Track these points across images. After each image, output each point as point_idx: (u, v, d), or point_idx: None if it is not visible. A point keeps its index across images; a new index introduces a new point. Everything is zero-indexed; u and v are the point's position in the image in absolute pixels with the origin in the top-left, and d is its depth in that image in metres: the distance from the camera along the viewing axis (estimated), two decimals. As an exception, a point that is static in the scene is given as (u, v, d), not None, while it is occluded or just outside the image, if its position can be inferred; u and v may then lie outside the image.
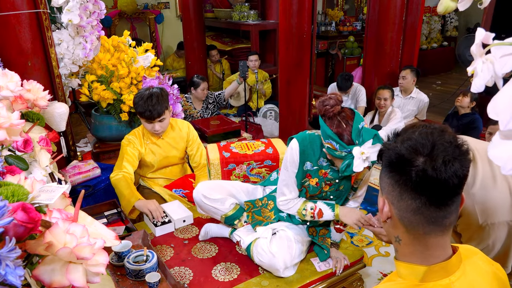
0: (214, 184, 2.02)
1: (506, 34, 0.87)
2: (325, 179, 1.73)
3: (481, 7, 0.75)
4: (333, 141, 1.50)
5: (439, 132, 0.80)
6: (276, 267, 1.71)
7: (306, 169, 1.71)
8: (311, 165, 1.70)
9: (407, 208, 0.81)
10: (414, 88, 4.24)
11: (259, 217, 1.94)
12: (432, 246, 0.83)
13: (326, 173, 1.71)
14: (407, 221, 0.82)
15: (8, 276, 0.59)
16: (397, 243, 0.88)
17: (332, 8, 7.53)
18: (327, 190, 1.77)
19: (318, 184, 1.73)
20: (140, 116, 2.30)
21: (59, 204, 0.81)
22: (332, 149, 1.52)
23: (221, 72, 5.89)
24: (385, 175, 0.85)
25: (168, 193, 2.51)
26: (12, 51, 2.30)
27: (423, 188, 0.78)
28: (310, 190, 1.76)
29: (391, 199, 0.84)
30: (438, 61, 7.68)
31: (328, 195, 1.79)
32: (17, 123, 1.23)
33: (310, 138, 1.68)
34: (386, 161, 0.84)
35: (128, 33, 3.16)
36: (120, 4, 6.35)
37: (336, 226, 1.88)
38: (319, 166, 1.70)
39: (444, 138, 0.78)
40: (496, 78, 0.61)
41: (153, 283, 1.62)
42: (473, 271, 0.85)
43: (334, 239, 1.92)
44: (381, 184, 0.87)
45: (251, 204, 1.98)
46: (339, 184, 1.76)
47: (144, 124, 2.34)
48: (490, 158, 0.60)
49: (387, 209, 0.86)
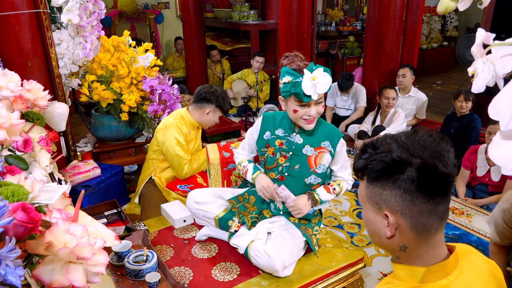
0: (204, 191, 2.09)
1: (506, 34, 0.87)
2: (281, 149, 1.83)
3: (481, 7, 0.75)
4: (288, 74, 1.63)
5: (415, 133, 0.82)
6: (275, 268, 1.71)
7: (266, 138, 1.87)
8: (270, 134, 1.86)
9: (422, 212, 0.80)
10: (412, 87, 4.24)
11: (245, 212, 1.97)
12: (437, 244, 0.84)
13: (282, 143, 1.83)
14: (422, 225, 0.81)
15: (8, 276, 0.59)
16: (402, 252, 0.85)
17: (332, 8, 7.53)
18: (282, 163, 1.83)
19: (274, 154, 1.84)
20: (222, 111, 2.63)
21: (59, 204, 0.81)
22: (287, 83, 1.63)
23: (221, 72, 5.89)
24: (385, 188, 0.81)
25: (172, 194, 2.53)
26: (12, 51, 2.30)
27: (433, 187, 0.79)
28: (267, 162, 1.87)
29: (400, 209, 0.81)
30: (438, 61, 7.67)
31: (283, 170, 1.83)
32: (17, 123, 1.23)
33: (274, 114, 1.91)
34: (380, 172, 0.81)
35: (128, 33, 3.16)
36: (120, 4, 6.35)
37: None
38: (276, 136, 1.84)
39: (426, 137, 0.80)
40: (496, 79, 0.61)
41: (153, 283, 1.62)
42: (470, 270, 0.86)
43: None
44: (380, 198, 0.83)
45: (234, 200, 2.00)
46: (293, 160, 1.81)
47: (215, 116, 2.62)
48: (491, 158, 0.60)
49: (394, 220, 0.82)
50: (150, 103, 2.91)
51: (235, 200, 2.00)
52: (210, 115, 2.59)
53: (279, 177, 1.85)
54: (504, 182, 2.86)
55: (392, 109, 3.92)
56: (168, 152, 2.51)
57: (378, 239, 0.88)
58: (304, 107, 1.67)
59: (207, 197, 2.01)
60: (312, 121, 1.72)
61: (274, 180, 1.85)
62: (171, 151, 2.49)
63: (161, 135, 2.53)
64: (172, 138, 2.48)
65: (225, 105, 2.60)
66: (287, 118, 1.82)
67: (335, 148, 1.81)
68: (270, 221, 1.92)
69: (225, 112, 2.67)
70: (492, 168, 2.93)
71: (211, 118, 2.61)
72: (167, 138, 2.49)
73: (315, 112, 1.69)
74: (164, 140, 2.51)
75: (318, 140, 1.81)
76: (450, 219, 2.87)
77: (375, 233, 0.88)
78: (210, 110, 2.57)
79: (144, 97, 3.00)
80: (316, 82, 1.58)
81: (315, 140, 1.80)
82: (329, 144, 1.80)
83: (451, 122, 3.68)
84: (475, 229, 2.74)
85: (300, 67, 1.63)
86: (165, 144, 2.50)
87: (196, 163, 2.57)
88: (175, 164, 2.53)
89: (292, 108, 1.70)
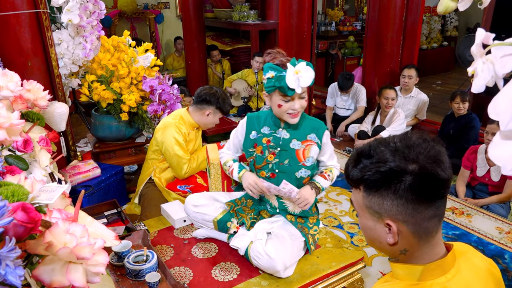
0: (201, 194, 2.11)
1: (506, 34, 0.87)
2: (269, 147, 1.85)
3: (481, 7, 0.75)
4: (272, 69, 1.66)
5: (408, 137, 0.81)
6: (276, 269, 1.71)
7: (252, 138, 1.89)
8: (256, 133, 1.89)
9: (424, 218, 0.80)
10: (414, 88, 4.24)
11: (243, 214, 1.98)
12: (436, 244, 0.84)
13: (269, 140, 1.85)
14: (423, 230, 0.81)
15: (8, 276, 0.59)
16: (402, 255, 0.86)
17: (332, 8, 7.53)
18: (271, 160, 1.84)
19: (262, 153, 1.86)
20: (222, 113, 2.62)
21: (59, 204, 0.81)
22: (271, 78, 1.66)
23: (221, 72, 5.89)
24: (386, 198, 0.80)
25: (172, 194, 2.53)
26: (12, 51, 2.30)
27: (434, 193, 0.79)
28: (257, 161, 1.88)
29: (403, 218, 0.80)
30: (438, 61, 7.67)
31: (273, 167, 1.85)
32: (17, 123, 1.23)
33: (258, 113, 1.95)
34: (379, 182, 0.80)
35: (128, 33, 3.16)
36: (120, 4, 6.35)
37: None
38: (263, 134, 1.87)
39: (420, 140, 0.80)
40: (496, 79, 0.61)
41: (153, 283, 1.62)
42: (467, 268, 0.86)
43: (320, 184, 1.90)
44: (381, 208, 0.82)
45: (232, 203, 2.01)
46: (282, 156, 1.83)
47: (215, 118, 2.62)
48: (491, 158, 0.60)
49: (396, 228, 0.82)
50: (150, 103, 2.91)
51: (233, 203, 2.01)
52: (210, 116, 2.59)
53: (270, 174, 1.86)
54: (504, 182, 2.86)
55: (392, 109, 3.91)
56: (167, 152, 2.51)
57: (379, 244, 0.87)
58: (288, 101, 1.71)
59: (205, 200, 2.03)
60: (297, 115, 1.76)
61: (265, 178, 1.86)
62: (170, 151, 2.49)
63: (160, 135, 2.53)
64: (171, 138, 2.48)
65: (225, 107, 2.60)
66: (271, 115, 1.86)
67: (321, 139, 1.85)
68: (269, 221, 1.92)
69: (225, 113, 2.67)
70: (492, 168, 2.93)
71: (211, 119, 2.61)
72: (166, 138, 2.49)
73: (299, 106, 1.73)
74: (163, 140, 2.51)
75: (304, 133, 1.84)
76: (450, 219, 2.87)
77: (375, 240, 0.87)
78: (210, 111, 2.57)
79: (144, 97, 3.00)
80: (300, 76, 1.62)
81: (301, 134, 1.84)
82: (315, 136, 1.84)
83: (450, 123, 3.69)
84: (475, 229, 2.74)
85: (283, 62, 1.67)
86: (164, 144, 2.50)
87: (195, 162, 2.57)
88: (174, 164, 2.53)
89: (277, 103, 1.73)
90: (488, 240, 2.62)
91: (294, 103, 1.71)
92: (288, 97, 1.69)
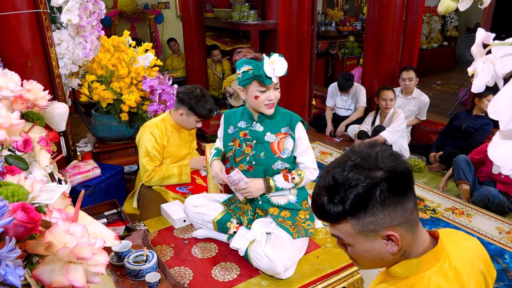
0: (200, 195, 2.14)
1: (506, 34, 0.87)
2: (245, 140, 1.90)
3: (481, 7, 0.75)
4: (246, 63, 1.73)
5: (356, 151, 0.86)
6: (276, 271, 1.71)
7: (230, 132, 1.96)
8: (233, 128, 1.96)
9: (409, 211, 0.84)
10: (415, 89, 4.24)
11: (240, 212, 1.99)
12: (422, 230, 0.89)
13: (245, 133, 1.91)
14: (412, 222, 0.85)
15: (8, 276, 0.59)
16: (402, 257, 0.87)
17: (332, 8, 7.52)
18: (248, 153, 1.89)
19: (240, 146, 1.92)
20: (196, 116, 2.41)
21: (59, 204, 0.81)
22: (246, 72, 1.73)
23: (221, 72, 5.89)
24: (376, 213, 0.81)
25: (170, 194, 2.52)
26: (12, 51, 2.30)
27: (408, 186, 0.84)
28: (236, 154, 1.94)
29: (397, 222, 0.83)
30: (438, 61, 7.67)
31: (250, 159, 1.89)
32: (17, 123, 1.23)
33: (235, 110, 2.02)
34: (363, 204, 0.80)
35: (128, 33, 3.16)
36: (120, 4, 6.35)
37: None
38: (240, 128, 1.93)
39: (367, 149, 0.85)
40: (496, 78, 0.61)
41: (153, 283, 1.62)
42: (455, 250, 0.91)
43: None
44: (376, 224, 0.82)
45: (227, 203, 2.03)
46: (258, 149, 1.87)
47: (189, 119, 2.44)
48: (490, 158, 0.60)
49: (398, 234, 0.83)
50: (150, 103, 2.91)
51: (228, 203, 2.03)
52: (184, 117, 2.44)
53: (248, 167, 1.90)
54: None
55: (391, 109, 3.91)
56: (139, 153, 2.51)
57: (380, 261, 0.87)
58: (264, 92, 1.77)
59: (204, 201, 2.06)
60: (272, 106, 1.82)
61: (244, 171, 1.89)
62: (139, 155, 2.49)
63: (138, 136, 2.52)
64: (142, 144, 2.45)
65: (199, 109, 2.38)
66: (247, 110, 1.91)
67: (294, 131, 1.87)
68: (269, 221, 1.92)
69: (200, 117, 2.43)
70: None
71: (185, 120, 2.46)
72: (140, 142, 2.48)
73: (274, 97, 1.79)
74: (138, 141, 2.51)
75: (278, 126, 1.88)
76: (450, 219, 2.87)
77: (375, 259, 0.87)
78: (183, 112, 2.43)
79: (144, 97, 3.00)
80: (275, 66, 1.70)
81: (275, 127, 1.88)
82: (289, 129, 1.88)
83: (466, 119, 3.68)
84: (475, 229, 2.74)
85: (256, 56, 1.75)
86: (138, 146, 2.52)
87: (158, 175, 2.46)
88: (140, 168, 2.53)
89: (253, 95, 1.78)
90: (488, 240, 2.62)
91: (269, 93, 1.77)
92: (264, 88, 1.75)
